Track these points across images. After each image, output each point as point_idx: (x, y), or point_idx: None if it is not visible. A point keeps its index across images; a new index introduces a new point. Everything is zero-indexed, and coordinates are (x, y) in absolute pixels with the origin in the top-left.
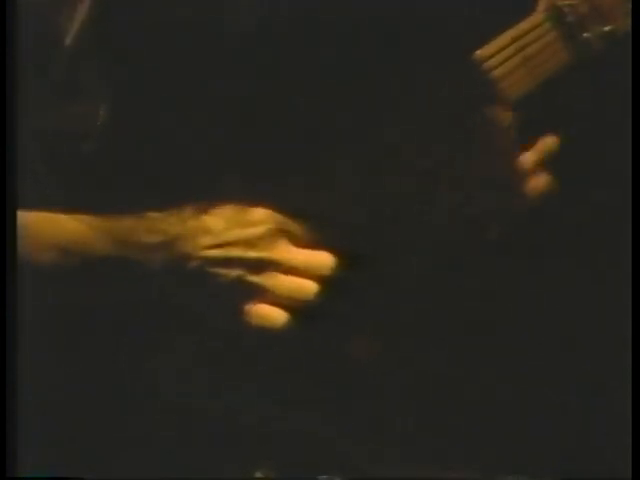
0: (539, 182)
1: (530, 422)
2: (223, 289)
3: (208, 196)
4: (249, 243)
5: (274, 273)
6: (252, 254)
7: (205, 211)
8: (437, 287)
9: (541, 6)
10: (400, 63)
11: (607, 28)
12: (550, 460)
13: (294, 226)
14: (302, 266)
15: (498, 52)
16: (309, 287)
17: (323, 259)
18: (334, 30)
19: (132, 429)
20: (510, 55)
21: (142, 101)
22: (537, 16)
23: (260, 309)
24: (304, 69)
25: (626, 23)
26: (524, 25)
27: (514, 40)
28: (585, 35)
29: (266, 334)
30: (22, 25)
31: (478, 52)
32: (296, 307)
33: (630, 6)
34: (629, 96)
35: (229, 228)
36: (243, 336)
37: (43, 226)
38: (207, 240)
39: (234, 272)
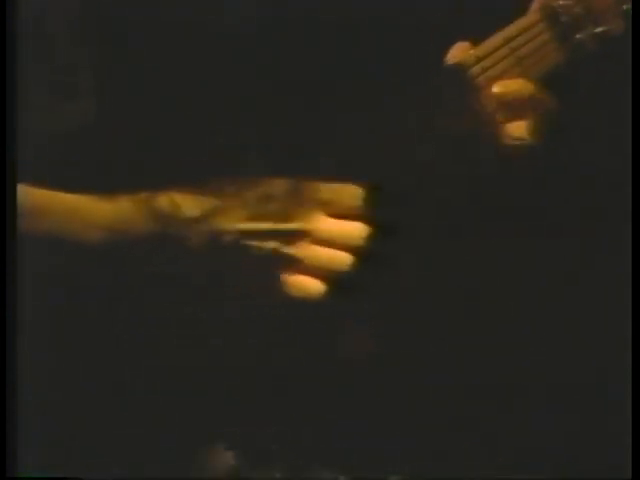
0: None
1: (530, 422)
2: (258, 261)
3: (238, 173)
4: (282, 215)
5: (309, 244)
6: (286, 226)
7: (238, 185)
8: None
9: (535, 5)
10: (393, 62)
11: (600, 29)
12: (550, 460)
13: (327, 194)
14: (336, 237)
15: (492, 52)
16: (344, 258)
17: (357, 229)
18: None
19: (132, 429)
20: (504, 55)
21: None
22: (531, 16)
23: (297, 280)
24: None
25: (619, 25)
26: (518, 25)
27: (507, 40)
28: (578, 36)
29: (299, 305)
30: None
31: (471, 52)
32: (331, 278)
33: (624, 8)
34: (629, 98)
35: (262, 201)
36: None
37: (85, 206)
38: (242, 213)
39: (269, 244)
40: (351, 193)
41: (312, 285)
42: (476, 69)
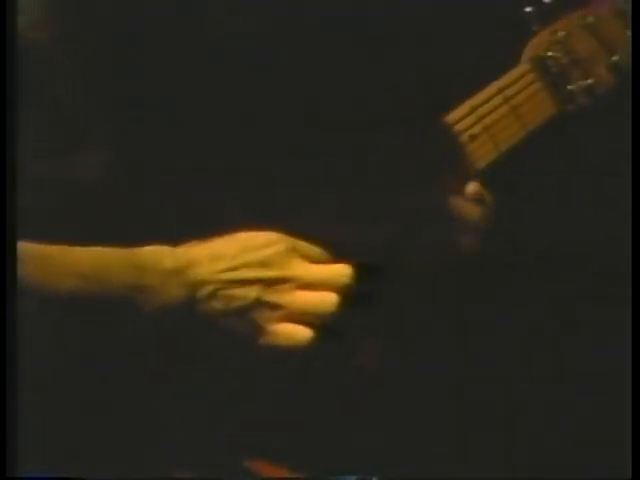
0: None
1: (530, 422)
2: (242, 311)
3: (217, 223)
4: (263, 264)
5: (291, 290)
6: (267, 273)
7: (217, 238)
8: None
9: (526, 56)
10: (391, 110)
11: (589, 82)
12: (550, 460)
13: (305, 245)
14: (319, 279)
15: (485, 102)
16: (328, 298)
17: (339, 269)
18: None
19: (132, 429)
20: (498, 104)
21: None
22: (523, 66)
23: (284, 328)
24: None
25: (608, 78)
26: (510, 75)
27: (501, 90)
28: (569, 87)
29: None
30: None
31: (467, 102)
32: (318, 323)
33: (613, 60)
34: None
35: (242, 252)
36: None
37: (61, 256)
38: (222, 264)
39: (252, 293)
40: (337, 273)
41: (299, 332)
42: (471, 118)
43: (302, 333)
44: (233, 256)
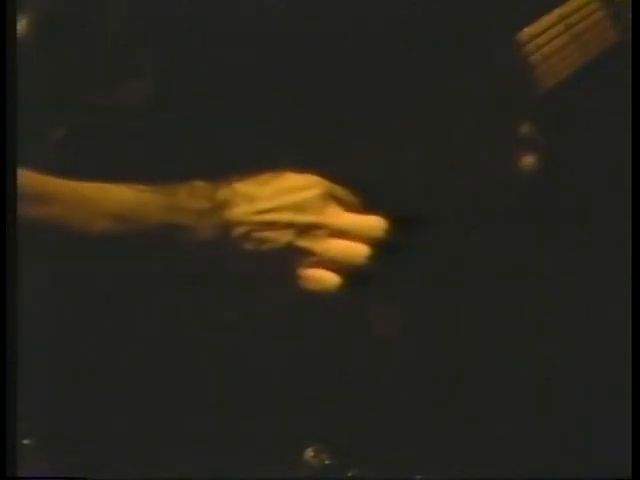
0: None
1: (530, 422)
2: (274, 254)
3: (257, 164)
4: (298, 207)
5: (325, 237)
6: (302, 218)
7: (254, 178)
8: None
9: None
10: (449, 36)
11: None
12: (550, 460)
13: (342, 191)
14: (352, 229)
15: (546, 30)
16: (360, 250)
17: (373, 221)
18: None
19: (132, 429)
20: (558, 33)
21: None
22: None
23: (313, 273)
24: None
25: None
26: (572, 3)
27: (562, 18)
28: (630, 15)
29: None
30: None
31: (526, 29)
32: (347, 271)
33: None
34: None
35: (278, 194)
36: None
37: (96, 195)
38: (257, 206)
39: (284, 237)
40: (371, 225)
41: (328, 278)
42: (530, 47)
43: (331, 280)
44: (269, 198)
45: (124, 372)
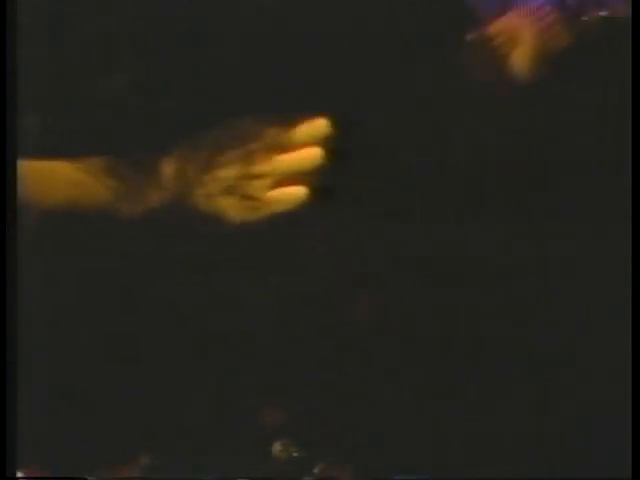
0: None
1: (530, 422)
2: (231, 190)
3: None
4: (240, 139)
5: (271, 155)
6: (246, 147)
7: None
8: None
9: None
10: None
11: (604, 13)
12: (550, 460)
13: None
14: (298, 139)
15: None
16: (312, 153)
17: (318, 124)
18: None
19: (132, 429)
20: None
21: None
22: None
23: (276, 193)
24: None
25: (624, 10)
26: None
27: None
28: (584, 18)
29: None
30: None
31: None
32: (309, 180)
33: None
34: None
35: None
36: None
37: (49, 173)
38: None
39: (233, 171)
40: (317, 125)
41: (293, 192)
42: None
43: (296, 193)
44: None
45: (124, 372)
